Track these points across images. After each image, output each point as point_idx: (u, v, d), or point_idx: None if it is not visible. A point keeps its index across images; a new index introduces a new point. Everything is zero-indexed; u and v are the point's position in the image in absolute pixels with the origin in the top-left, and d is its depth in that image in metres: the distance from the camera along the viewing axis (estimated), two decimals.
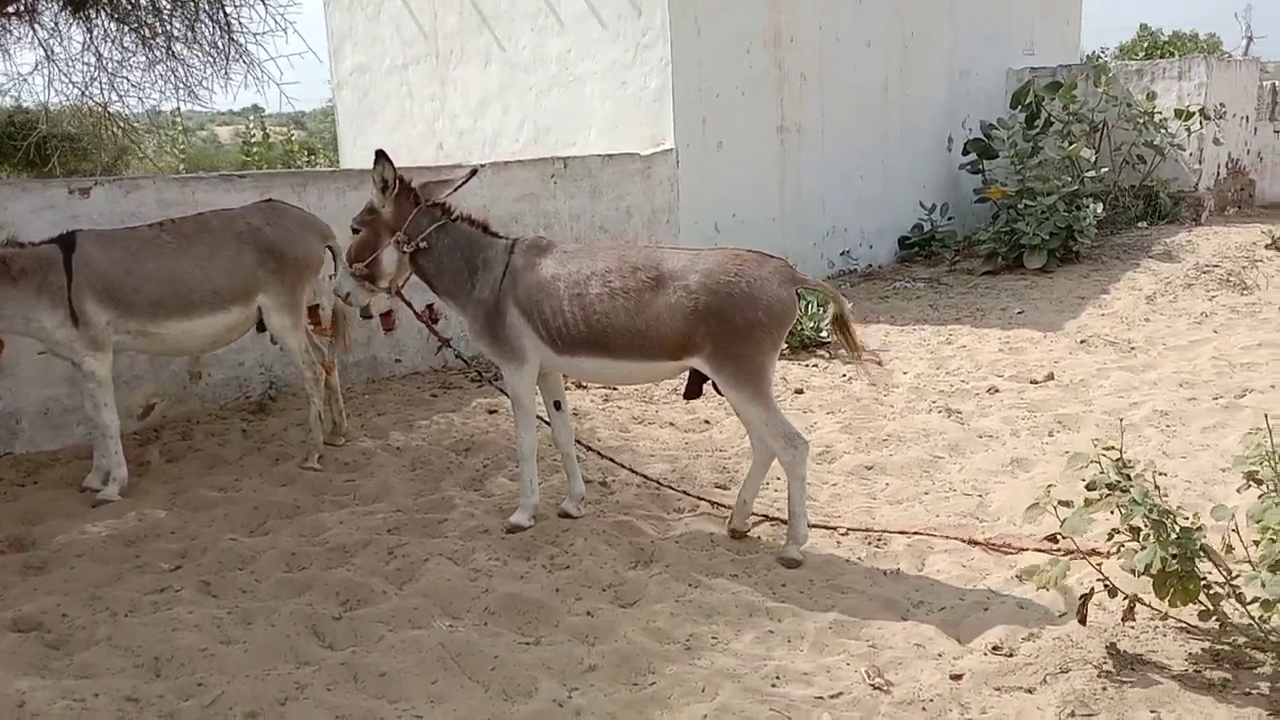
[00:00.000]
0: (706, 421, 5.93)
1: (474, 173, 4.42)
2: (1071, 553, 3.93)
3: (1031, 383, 6.57)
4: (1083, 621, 3.52)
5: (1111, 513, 3.46)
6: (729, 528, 4.35)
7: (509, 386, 4.29)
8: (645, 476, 4.80)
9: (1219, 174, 12.53)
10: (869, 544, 4.35)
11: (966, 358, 7.21)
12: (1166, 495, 3.67)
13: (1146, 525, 3.29)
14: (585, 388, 6.60)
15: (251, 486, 4.90)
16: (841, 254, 10.79)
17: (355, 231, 4.33)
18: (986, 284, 9.83)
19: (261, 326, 5.09)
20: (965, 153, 11.94)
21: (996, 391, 6.44)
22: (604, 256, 4.07)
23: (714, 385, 4.06)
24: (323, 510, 4.62)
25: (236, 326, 5.02)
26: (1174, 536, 3.22)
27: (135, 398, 5.76)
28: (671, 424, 5.90)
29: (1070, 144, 11.07)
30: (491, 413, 6.05)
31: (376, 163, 4.18)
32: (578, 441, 4.83)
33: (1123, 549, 3.42)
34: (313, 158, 23.23)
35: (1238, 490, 3.94)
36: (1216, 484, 4.75)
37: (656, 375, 4.19)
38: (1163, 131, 11.48)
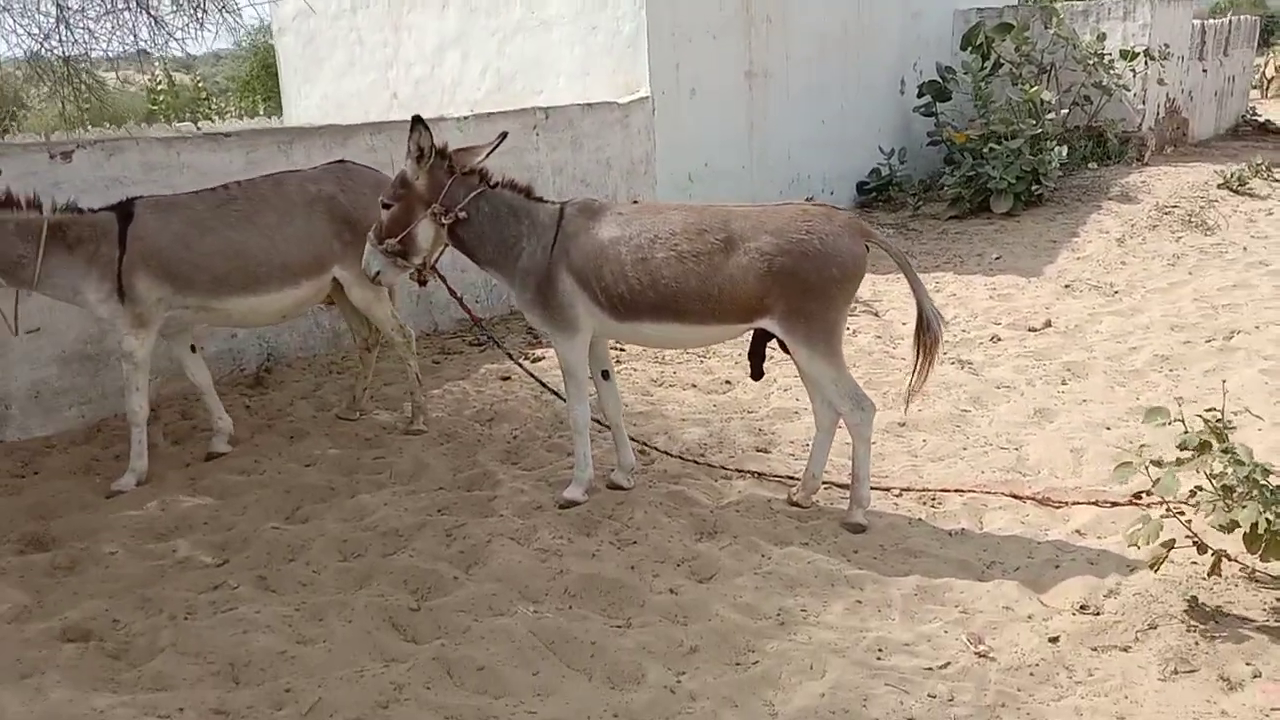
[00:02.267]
0: (728, 382, 5.88)
1: (504, 137, 4.21)
2: (1132, 505, 3.98)
3: (1030, 330, 6.66)
4: (1154, 569, 3.55)
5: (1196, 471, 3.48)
6: (793, 499, 4.30)
7: (561, 357, 4.15)
8: (708, 464, 4.69)
9: (1159, 114, 12.80)
10: (924, 504, 4.36)
11: (959, 306, 7.26)
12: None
13: (1241, 484, 3.32)
14: None
15: (275, 468, 4.70)
16: (806, 199, 10.74)
17: (386, 206, 4.09)
18: (955, 229, 9.91)
19: (330, 300, 4.84)
20: (920, 95, 11.95)
21: (999, 340, 6.50)
22: (666, 218, 3.96)
23: (780, 345, 4.00)
24: (361, 491, 4.44)
25: (308, 300, 4.81)
26: (1270, 495, 3.26)
27: None
28: (694, 385, 5.83)
29: (1021, 86, 11.15)
30: (505, 379, 5.90)
31: (413, 130, 3.96)
32: (596, 421, 4.69)
33: (1209, 506, 3.44)
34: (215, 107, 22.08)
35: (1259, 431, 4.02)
36: (1239, 427, 4.86)
37: (724, 337, 4.12)
38: (1110, 72, 11.63)
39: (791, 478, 4.54)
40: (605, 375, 4.36)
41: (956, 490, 4.41)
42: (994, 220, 10.04)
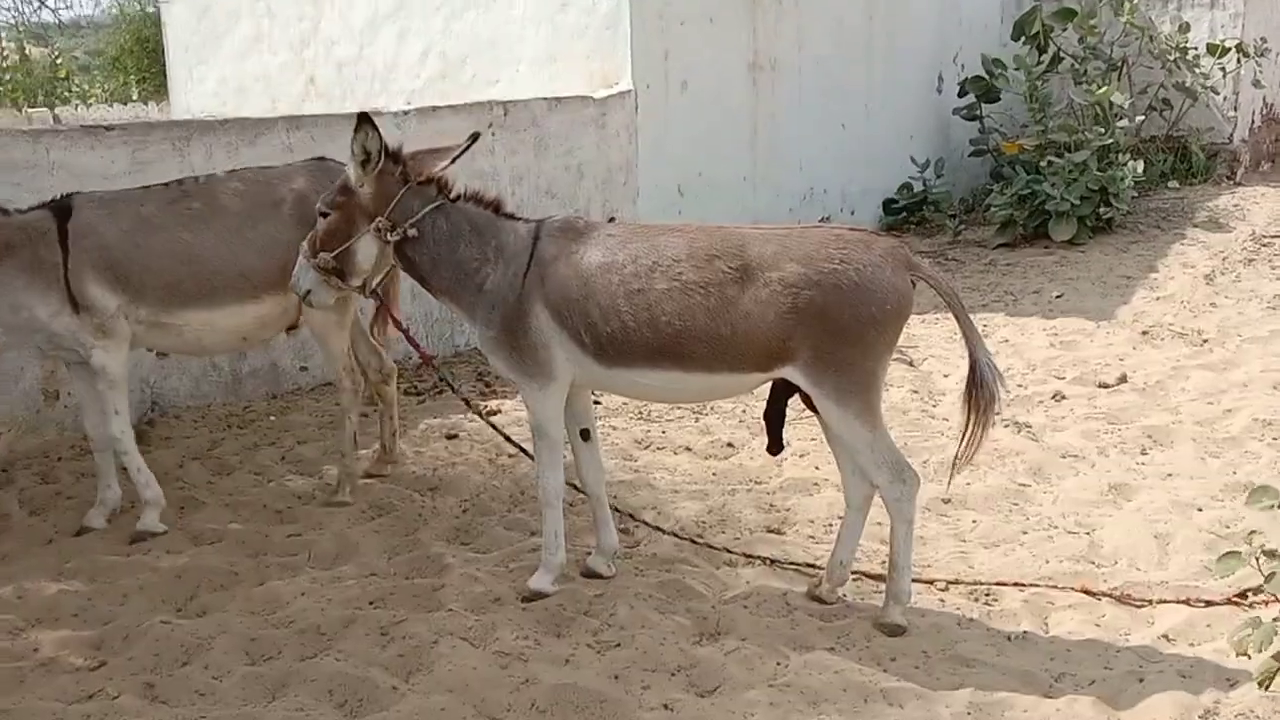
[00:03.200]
0: (729, 444, 5.95)
1: (475, 138, 4.32)
2: (1229, 604, 4.06)
3: (1101, 386, 6.79)
4: (1263, 685, 3.62)
5: None
6: (815, 592, 4.36)
7: (532, 411, 4.22)
8: (709, 545, 4.76)
9: (1254, 122, 13.15)
10: (976, 599, 4.43)
11: (1013, 354, 7.39)
12: None
13: None
14: None
15: (162, 546, 4.73)
16: (821, 220, 10.91)
17: (323, 215, 4.20)
18: (1005, 260, 10.09)
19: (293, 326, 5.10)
20: (961, 94, 12.22)
21: (1063, 398, 6.62)
22: (668, 241, 4.04)
23: (804, 400, 4.08)
24: (271, 577, 4.48)
25: (271, 321, 4.99)
26: None
27: None
28: (687, 448, 5.90)
29: (1086, 85, 11.42)
30: (451, 437, 5.95)
31: (358, 129, 4.05)
32: (571, 485, 4.75)
33: None
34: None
35: None
36: None
37: (735, 390, 4.19)
38: (1195, 71, 11.95)
39: (812, 566, 4.60)
40: (585, 435, 4.41)
41: (1016, 584, 4.48)
42: (1053, 249, 10.23)
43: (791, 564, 4.64)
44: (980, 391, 4.08)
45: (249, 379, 6.55)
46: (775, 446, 4.41)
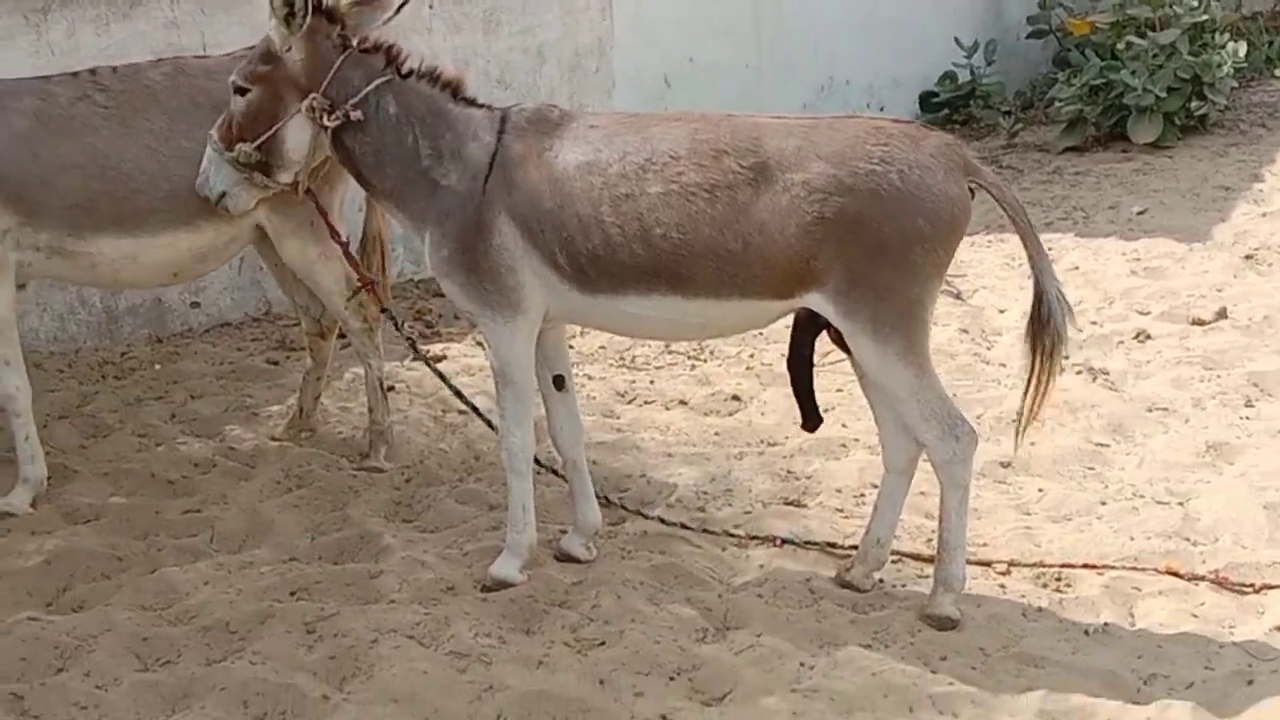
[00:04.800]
0: (734, 397, 6.01)
1: None
2: None
3: (1195, 323, 6.86)
4: None
5: None
6: (845, 577, 4.41)
7: (494, 352, 4.25)
8: (705, 529, 4.79)
9: None
10: (1044, 585, 4.50)
11: (1085, 284, 7.44)
12: None
13: None
14: None
15: (27, 526, 4.74)
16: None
17: (240, 92, 4.22)
18: (1074, 167, 10.14)
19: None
20: None
21: (1148, 338, 6.69)
22: (664, 133, 4.06)
23: (834, 337, 4.13)
24: (165, 563, 4.50)
25: (210, 253, 4.98)
26: None
27: None
28: (682, 402, 5.96)
29: None
30: (390, 389, 5.93)
31: None
32: (538, 464, 4.81)
33: None
34: None
35: None
36: None
37: (748, 322, 4.25)
38: None
39: (839, 546, 4.65)
40: (559, 383, 4.44)
41: (1093, 566, 4.54)
42: (1134, 154, 10.26)
43: (814, 544, 4.67)
44: (1047, 330, 4.14)
45: (126, 317, 6.55)
46: (811, 420, 4.45)
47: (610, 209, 3.99)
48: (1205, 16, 10.49)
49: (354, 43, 4.18)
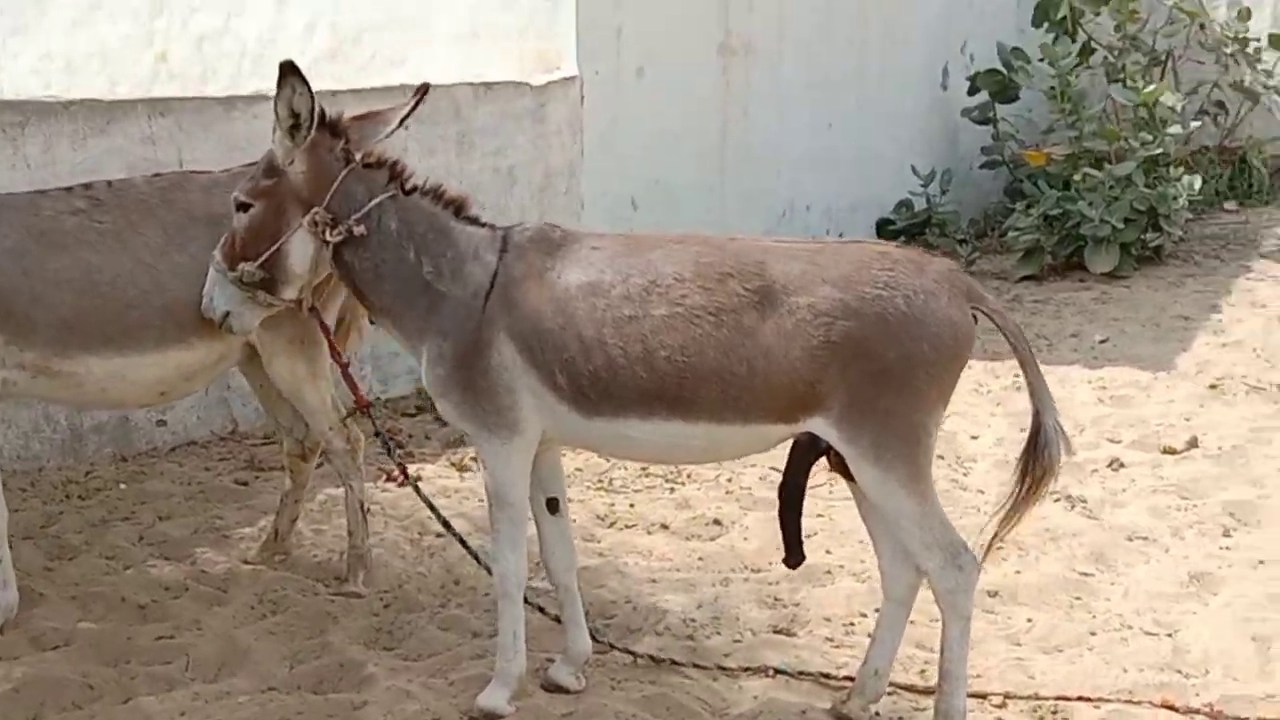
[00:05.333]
0: (715, 521, 5.95)
1: (425, 92, 4.36)
2: None
3: (1167, 452, 6.88)
4: None
5: None
6: (842, 710, 4.31)
7: (489, 474, 4.18)
8: (695, 663, 4.66)
9: None
10: (1040, 718, 4.42)
11: (1061, 411, 7.42)
12: None
13: None
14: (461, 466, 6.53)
15: None
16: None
17: (243, 208, 4.18)
18: (1033, 295, 10.25)
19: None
20: (972, 91, 12.41)
21: (1122, 466, 6.70)
22: (666, 256, 4.05)
23: (834, 464, 4.08)
24: (138, 692, 4.35)
25: (202, 372, 4.94)
26: None
27: None
28: (664, 526, 5.90)
29: (1125, 81, 11.61)
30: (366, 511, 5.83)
31: (283, 83, 4.05)
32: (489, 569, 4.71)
33: None
34: None
35: None
36: None
37: (749, 447, 4.21)
38: (1257, 67, 12.22)
39: (832, 677, 4.57)
40: (552, 506, 4.38)
41: (1088, 699, 4.47)
42: (1091, 283, 10.39)
43: (808, 674, 4.60)
44: (1041, 459, 4.13)
45: (91, 436, 6.44)
46: (795, 555, 4.33)
47: (613, 330, 3.96)
48: (1160, 150, 10.69)
49: (357, 157, 4.16)
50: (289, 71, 4.03)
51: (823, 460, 4.14)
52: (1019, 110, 12.36)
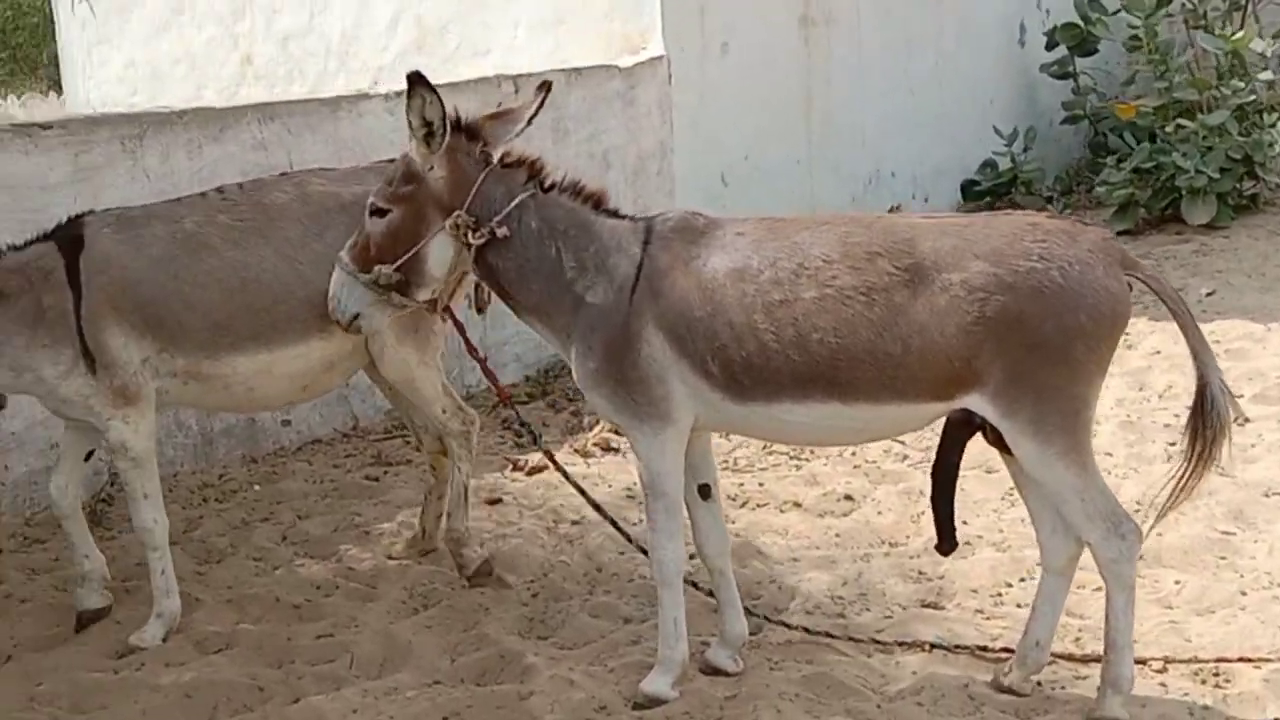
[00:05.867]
0: (847, 497, 5.96)
1: (548, 90, 4.36)
2: None
3: None
4: None
5: None
6: (1004, 682, 4.30)
7: (643, 463, 4.20)
8: (853, 639, 4.69)
9: None
10: (1203, 681, 4.39)
11: (1171, 368, 7.40)
12: None
13: None
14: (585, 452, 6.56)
15: (159, 657, 4.65)
16: (891, 210, 10.90)
17: (380, 213, 4.19)
18: (1131, 249, 9.92)
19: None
20: (1050, 46, 12.29)
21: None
22: (815, 237, 4.04)
23: (991, 437, 4.07)
24: (307, 691, 4.41)
25: (340, 364, 5.00)
26: None
27: None
28: (796, 504, 5.90)
29: (1205, 28, 11.44)
30: (493, 503, 5.94)
31: (412, 94, 4.05)
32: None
33: None
34: None
35: None
36: None
37: (905, 425, 4.22)
38: None
39: (988, 649, 4.56)
40: (705, 493, 4.39)
41: (1249, 660, 4.44)
42: (1189, 235, 10.32)
43: (964, 647, 4.58)
44: (1210, 422, 4.12)
45: (221, 439, 6.52)
46: (948, 542, 4.32)
47: (764, 315, 3.96)
48: (1252, 97, 10.56)
49: (495, 158, 4.18)
50: (417, 81, 4.02)
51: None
52: (1096, 64, 12.27)
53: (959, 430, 4.16)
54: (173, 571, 4.81)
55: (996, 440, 4.06)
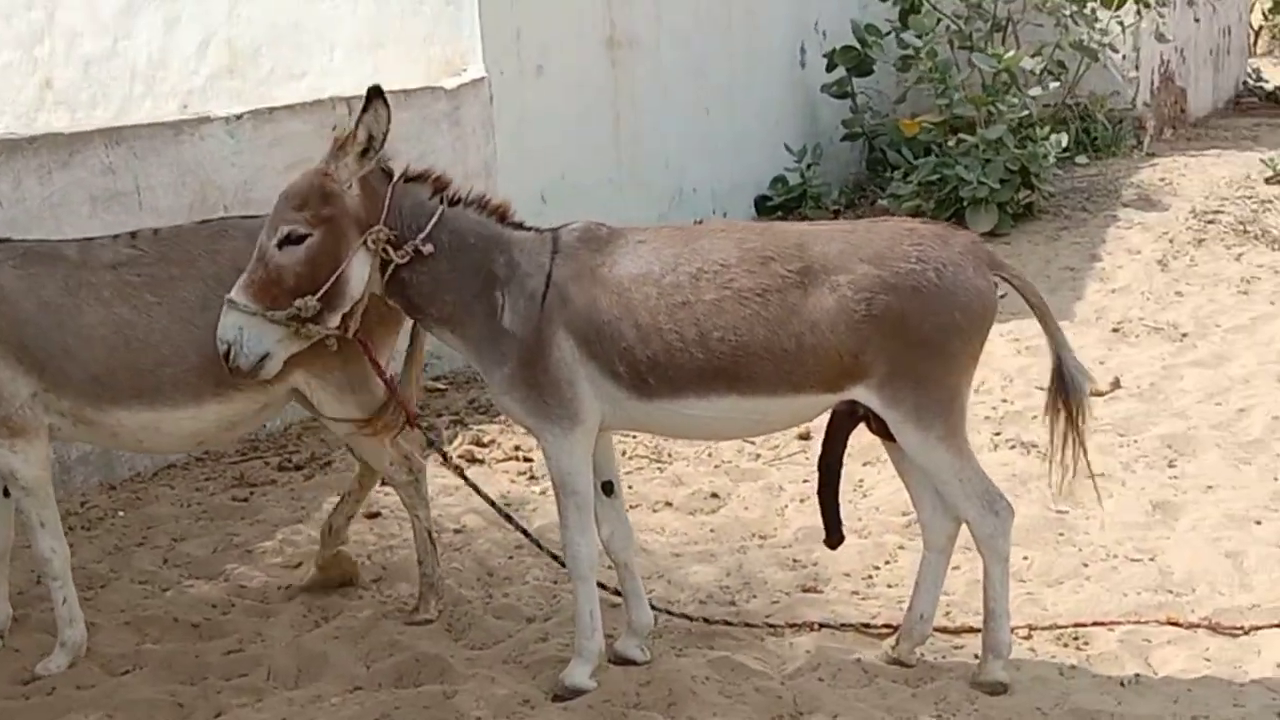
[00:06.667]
0: (713, 494, 6.18)
1: (379, 94, 4.19)
2: None
3: (1094, 394, 7.22)
4: None
5: None
6: (893, 654, 4.60)
7: (553, 463, 4.34)
8: (749, 625, 4.91)
9: (1154, 84, 14.23)
10: (1065, 645, 4.78)
11: (981, 365, 7.78)
12: None
13: None
14: (479, 454, 6.67)
15: (69, 681, 4.59)
16: (695, 223, 11.23)
17: (297, 240, 4.15)
18: None
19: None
20: (830, 67, 12.81)
21: (1105, 393, 7.10)
22: (710, 244, 4.25)
23: (873, 425, 4.36)
24: (229, 706, 4.40)
25: (242, 423, 4.83)
26: None
27: None
28: (667, 503, 6.10)
29: (973, 48, 12.09)
30: (371, 516, 5.95)
31: (369, 106, 4.11)
32: (554, 556, 4.95)
33: None
34: None
35: None
36: None
37: (798, 416, 4.45)
38: (1095, 26, 12.84)
39: (870, 626, 4.86)
40: (608, 489, 4.55)
41: (1103, 624, 4.84)
42: None
43: (849, 625, 4.87)
44: (1069, 391, 4.51)
45: (78, 467, 6.35)
46: (834, 535, 4.66)
47: (667, 317, 4.14)
48: (1026, 112, 11.22)
49: (396, 175, 4.26)
50: (376, 96, 4.09)
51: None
52: (870, 84, 12.87)
53: (843, 423, 4.46)
54: (75, 599, 4.70)
55: (880, 429, 4.35)
